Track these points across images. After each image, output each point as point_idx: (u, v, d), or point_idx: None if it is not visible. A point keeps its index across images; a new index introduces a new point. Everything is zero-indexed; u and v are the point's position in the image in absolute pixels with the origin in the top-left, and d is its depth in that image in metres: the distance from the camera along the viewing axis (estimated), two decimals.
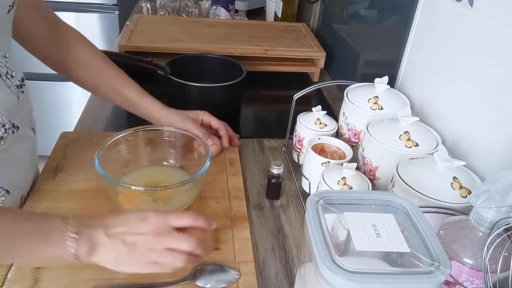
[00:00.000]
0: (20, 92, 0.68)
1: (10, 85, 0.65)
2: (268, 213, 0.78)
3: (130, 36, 1.25)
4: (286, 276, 0.66)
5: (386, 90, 0.82)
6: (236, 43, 1.27)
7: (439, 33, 0.81)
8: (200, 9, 1.60)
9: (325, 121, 0.85)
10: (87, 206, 0.73)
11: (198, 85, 1.01)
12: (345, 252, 0.45)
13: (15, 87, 0.66)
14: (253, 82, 1.11)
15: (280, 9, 1.65)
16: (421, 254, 0.43)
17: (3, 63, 0.64)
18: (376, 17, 1.14)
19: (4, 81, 0.64)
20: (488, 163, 0.68)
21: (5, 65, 0.65)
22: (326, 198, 0.49)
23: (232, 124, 1.07)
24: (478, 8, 0.70)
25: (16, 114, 0.67)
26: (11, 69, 0.66)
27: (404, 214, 0.49)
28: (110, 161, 0.71)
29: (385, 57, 1.05)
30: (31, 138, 0.74)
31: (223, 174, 0.84)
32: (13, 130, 0.66)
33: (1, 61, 0.64)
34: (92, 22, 2.31)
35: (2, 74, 0.64)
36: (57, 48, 0.80)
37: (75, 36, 0.83)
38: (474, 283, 0.49)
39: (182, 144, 0.80)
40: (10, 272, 0.60)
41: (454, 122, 0.77)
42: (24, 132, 0.71)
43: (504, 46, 0.65)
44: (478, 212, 0.47)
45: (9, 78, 0.66)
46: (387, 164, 0.69)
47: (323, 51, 1.27)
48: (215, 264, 0.64)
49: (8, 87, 0.65)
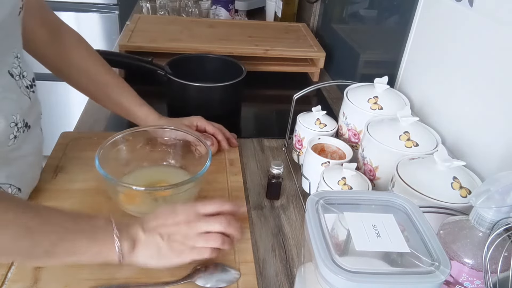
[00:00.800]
0: (31, 92, 0.69)
1: (21, 85, 0.66)
2: (268, 213, 0.78)
3: (130, 36, 1.25)
4: (286, 276, 0.66)
5: (386, 90, 0.82)
6: (236, 43, 1.27)
7: (439, 33, 0.81)
8: (200, 9, 1.60)
9: (325, 121, 0.85)
10: (87, 205, 0.73)
11: (198, 85, 1.01)
12: (345, 252, 0.45)
13: (25, 88, 0.67)
14: (253, 82, 1.11)
15: (280, 9, 1.65)
16: (421, 254, 0.43)
17: (16, 64, 0.65)
18: (376, 17, 1.14)
19: (16, 82, 0.65)
20: (488, 163, 0.68)
21: (18, 66, 0.66)
22: (326, 198, 0.49)
23: (232, 124, 1.07)
24: (478, 8, 0.70)
25: (29, 114, 0.68)
26: (23, 69, 0.67)
27: (404, 214, 0.49)
28: (110, 161, 0.71)
29: (385, 57, 1.05)
30: (39, 137, 0.74)
31: (223, 174, 0.84)
32: (25, 129, 0.67)
33: (14, 61, 0.65)
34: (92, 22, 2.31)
35: (15, 74, 0.64)
36: (56, 53, 0.80)
37: (75, 41, 0.83)
38: (474, 283, 0.49)
39: (182, 144, 0.80)
40: (10, 271, 0.60)
41: (454, 122, 0.77)
42: (35, 131, 0.71)
43: (504, 46, 0.65)
44: (478, 212, 0.47)
45: (21, 79, 0.66)
46: (387, 164, 0.69)
47: (323, 51, 1.27)
48: (215, 264, 0.64)
49: (20, 87, 0.65)
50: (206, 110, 1.06)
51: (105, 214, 0.58)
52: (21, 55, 0.67)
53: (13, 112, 0.64)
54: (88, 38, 0.86)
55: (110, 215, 0.58)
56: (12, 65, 0.64)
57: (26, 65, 0.69)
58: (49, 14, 0.80)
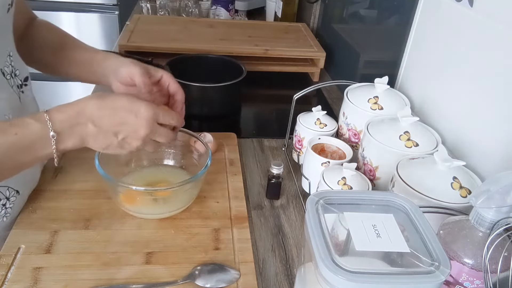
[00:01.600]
0: (20, 92, 0.68)
1: (13, 84, 0.65)
2: (268, 213, 0.78)
3: (130, 36, 1.25)
4: (286, 276, 0.66)
5: (386, 90, 0.82)
6: (236, 43, 1.27)
7: (439, 33, 0.81)
8: (200, 9, 1.60)
9: (325, 121, 0.85)
10: (87, 206, 0.73)
11: (198, 85, 1.01)
12: (345, 252, 0.45)
13: (16, 87, 0.66)
14: (253, 82, 1.11)
15: (280, 9, 1.65)
16: (421, 254, 0.43)
17: (8, 62, 0.64)
18: (376, 17, 1.14)
19: (7, 80, 0.64)
20: (488, 163, 0.68)
21: (10, 64, 0.65)
22: (326, 198, 0.49)
23: (232, 124, 1.08)
24: (478, 8, 0.70)
25: (22, 114, 0.67)
26: (16, 68, 0.66)
27: (404, 214, 0.49)
28: (110, 161, 0.71)
29: (385, 57, 1.05)
30: None
31: (223, 174, 0.84)
32: None
33: (6, 60, 0.64)
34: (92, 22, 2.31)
35: (6, 73, 0.64)
36: (26, 43, 0.77)
37: (40, 26, 0.80)
38: (474, 283, 0.49)
39: (182, 144, 0.80)
40: (10, 272, 0.60)
41: (454, 122, 0.77)
42: None
43: (504, 46, 0.65)
44: (478, 212, 0.47)
45: (12, 77, 0.65)
46: (387, 164, 0.69)
47: (323, 51, 1.27)
48: (215, 264, 0.64)
49: (11, 86, 0.65)
50: (206, 110, 1.07)
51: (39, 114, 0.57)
52: (13, 54, 0.66)
53: (5, 112, 0.63)
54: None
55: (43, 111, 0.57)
56: (4, 64, 0.64)
57: (20, 64, 0.68)
58: (26, 9, 0.78)
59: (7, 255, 0.63)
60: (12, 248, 0.64)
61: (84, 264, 0.62)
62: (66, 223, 0.69)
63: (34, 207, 0.72)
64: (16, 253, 0.63)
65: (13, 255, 0.63)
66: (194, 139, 0.78)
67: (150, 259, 0.64)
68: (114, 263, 0.63)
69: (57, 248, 0.64)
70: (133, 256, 0.64)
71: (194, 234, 0.69)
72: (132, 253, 0.65)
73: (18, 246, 0.64)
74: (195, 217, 0.73)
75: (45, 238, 0.66)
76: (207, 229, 0.70)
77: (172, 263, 0.64)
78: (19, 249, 0.64)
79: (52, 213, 0.71)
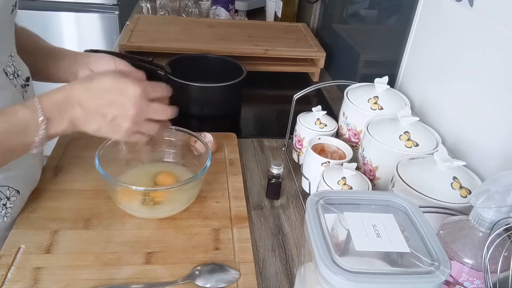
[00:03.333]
0: (24, 92, 0.68)
1: (16, 84, 0.66)
2: (268, 213, 0.78)
3: (130, 36, 1.25)
4: (286, 276, 0.66)
5: (386, 90, 0.82)
6: (236, 43, 1.27)
7: (439, 33, 0.81)
8: (200, 9, 1.60)
9: (325, 121, 0.85)
10: (87, 206, 0.73)
11: (198, 85, 1.02)
12: (345, 252, 0.45)
13: (20, 87, 0.66)
14: (253, 82, 1.11)
15: (280, 9, 1.65)
16: (421, 254, 0.43)
17: (10, 63, 0.65)
18: (376, 17, 1.14)
19: (11, 81, 0.64)
20: (488, 163, 0.68)
21: (12, 64, 0.65)
22: (326, 198, 0.49)
23: (232, 124, 1.07)
24: (478, 8, 0.70)
25: None
26: (17, 68, 0.66)
27: (404, 214, 0.49)
28: (110, 160, 0.71)
29: (385, 57, 1.05)
30: None
31: (223, 174, 0.84)
32: None
33: (8, 60, 0.64)
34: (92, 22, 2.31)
35: (9, 73, 0.64)
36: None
37: (21, 31, 0.77)
38: (474, 283, 0.49)
39: (182, 143, 0.80)
40: (10, 272, 0.60)
41: (454, 122, 0.77)
42: None
43: (504, 46, 0.65)
44: (478, 212, 0.47)
45: (15, 77, 0.66)
46: (387, 164, 0.69)
47: (323, 51, 1.27)
48: (215, 264, 0.64)
49: (15, 86, 0.65)
50: (206, 110, 1.07)
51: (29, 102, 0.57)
52: (14, 54, 0.66)
53: None
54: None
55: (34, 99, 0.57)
56: (6, 64, 0.64)
57: (21, 64, 0.68)
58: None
59: (7, 255, 0.63)
60: (12, 248, 0.64)
61: (84, 264, 0.62)
62: (66, 223, 0.69)
63: (34, 207, 0.72)
64: (16, 253, 0.63)
65: (13, 255, 0.63)
66: (194, 139, 0.78)
67: (150, 259, 0.64)
68: (114, 263, 0.63)
69: (57, 248, 0.64)
70: (133, 256, 0.65)
71: (194, 234, 0.69)
72: (132, 253, 0.65)
73: (18, 246, 0.64)
74: (195, 217, 0.73)
75: (45, 238, 0.66)
76: (207, 229, 0.70)
77: (172, 263, 0.64)
78: (19, 249, 0.64)
79: (52, 213, 0.71)
